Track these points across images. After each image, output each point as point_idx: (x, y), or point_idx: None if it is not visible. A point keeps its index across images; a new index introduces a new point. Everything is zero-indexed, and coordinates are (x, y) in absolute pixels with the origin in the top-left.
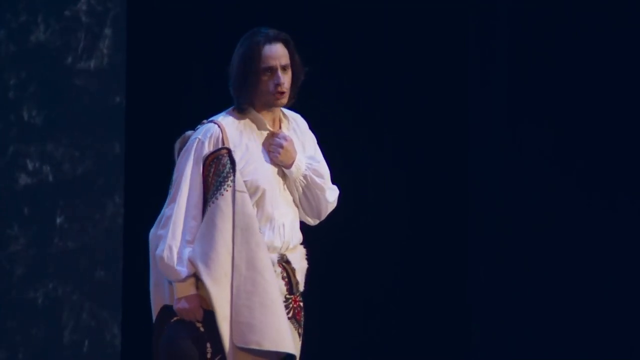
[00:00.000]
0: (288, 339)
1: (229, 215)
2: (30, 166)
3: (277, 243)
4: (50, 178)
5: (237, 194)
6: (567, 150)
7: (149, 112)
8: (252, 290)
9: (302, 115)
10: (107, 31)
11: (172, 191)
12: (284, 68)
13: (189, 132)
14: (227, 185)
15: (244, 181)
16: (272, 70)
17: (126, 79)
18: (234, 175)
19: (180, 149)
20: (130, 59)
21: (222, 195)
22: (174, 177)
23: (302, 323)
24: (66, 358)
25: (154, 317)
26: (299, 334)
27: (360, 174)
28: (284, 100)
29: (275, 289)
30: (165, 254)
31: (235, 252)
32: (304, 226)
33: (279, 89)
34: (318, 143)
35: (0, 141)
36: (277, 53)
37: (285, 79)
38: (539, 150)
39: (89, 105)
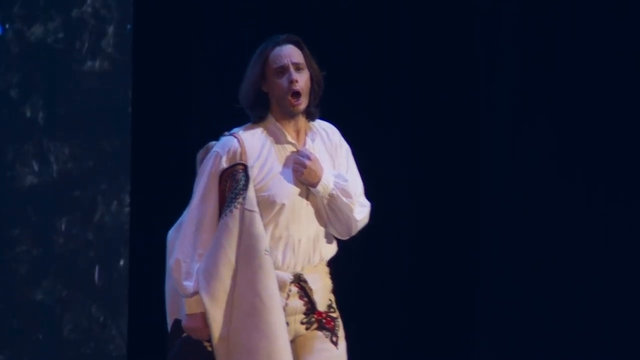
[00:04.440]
0: None
1: (235, 233)
2: (35, 166)
3: (291, 260)
4: (56, 177)
5: (246, 213)
6: (576, 150)
7: (155, 112)
8: (249, 312)
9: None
10: (113, 31)
11: (190, 203)
12: (297, 67)
13: (212, 143)
14: (238, 203)
15: (262, 195)
16: (284, 69)
17: (132, 79)
18: (246, 193)
19: (202, 160)
20: (136, 58)
21: (232, 212)
22: (194, 189)
23: (339, 332)
24: (71, 359)
25: (168, 328)
26: (332, 341)
27: (364, 172)
28: (301, 105)
29: (273, 312)
30: (175, 267)
31: (238, 272)
32: None
33: (293, 86)
34: (353, 154)
35: (4, 141)
36: (287, 52)
37: (300, 78)
38: (548, 151)
39: (94, 105)
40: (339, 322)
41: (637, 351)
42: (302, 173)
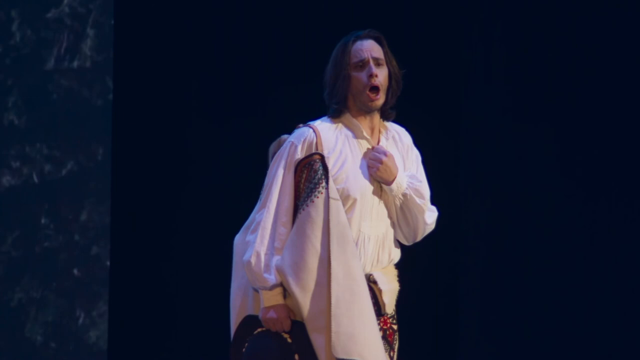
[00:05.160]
0: (383, 353)
1: (319, 223)
2: (14, 168)
3: (361, 258)
4: (36, 179)
5: (331, 202)
6: (576, 150)
7: (135, 112)
8: (351, 299)
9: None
10: (91, 32)
11: (262, 196)
12: (377, 62)
13: (285, 136)
14: (319, 192)
15: (336, 188)
16: (364, 63)
17: (113, 80)
18: (327, 182)
19: (275, 153)
20: (116, 59)
21: (313, 202)
22: (266, 181)
23: (396, 347)
24: (52, 358)
25: (233, 326)
26: (390, 356)
27: None
28: (379, 100)
29: (370, 300)
30: (253, 260)
31: (333, 261)
32: None
33: (372, 81)
34: (422, 162)
35: None
36: (368, 46)
37: (379, 74)
38: (547, 151)
39: (74, 106)
40: (397, 337)
41: (637, 351)
42: (378, 169)
